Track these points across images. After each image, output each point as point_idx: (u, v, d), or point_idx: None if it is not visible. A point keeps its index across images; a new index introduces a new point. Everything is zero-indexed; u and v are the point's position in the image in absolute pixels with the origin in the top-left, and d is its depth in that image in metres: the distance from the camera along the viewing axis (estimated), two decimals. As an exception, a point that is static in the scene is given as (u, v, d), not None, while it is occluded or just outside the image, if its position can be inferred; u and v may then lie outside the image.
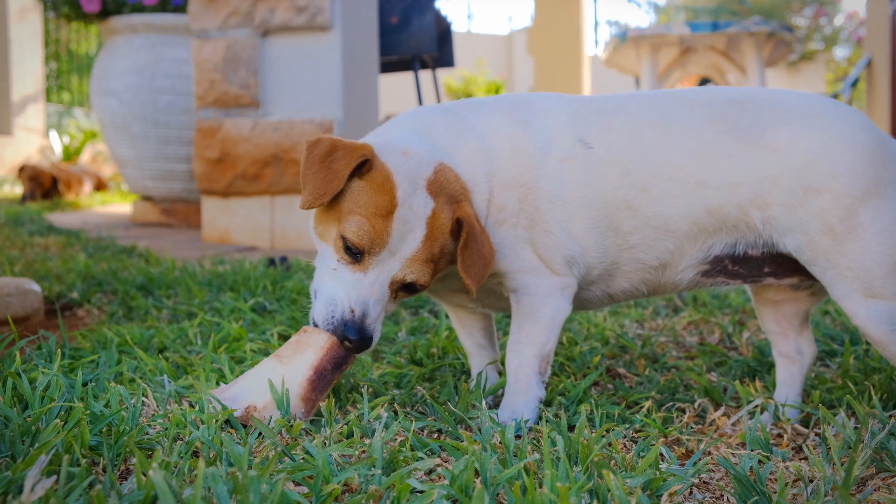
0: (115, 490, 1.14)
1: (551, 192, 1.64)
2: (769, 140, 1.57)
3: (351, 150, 1.54)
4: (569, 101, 1.73)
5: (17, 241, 4.65)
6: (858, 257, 1.52)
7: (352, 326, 1.52)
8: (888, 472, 1.37)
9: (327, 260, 1.58)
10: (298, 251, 4.64)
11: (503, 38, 19.87)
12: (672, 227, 1.63)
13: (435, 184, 1.57)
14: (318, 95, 4.85)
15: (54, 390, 1.61)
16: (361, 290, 1.54)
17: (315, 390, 1.54)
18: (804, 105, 1.61)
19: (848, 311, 1.56)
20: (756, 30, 7.27)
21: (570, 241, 1.65)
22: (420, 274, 1.56)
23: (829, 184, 1.53)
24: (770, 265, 1.65)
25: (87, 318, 2.73)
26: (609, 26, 20.04)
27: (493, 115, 1.70)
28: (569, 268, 1.68)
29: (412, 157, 1.57)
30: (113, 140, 6.15)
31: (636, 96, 1.73)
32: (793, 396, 1.79)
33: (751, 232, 1.61)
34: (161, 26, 5.87)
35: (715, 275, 1.68)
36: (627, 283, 1.73)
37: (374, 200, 1.52)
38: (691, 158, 1.61)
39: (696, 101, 1.66)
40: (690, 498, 1.30)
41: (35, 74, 12.07)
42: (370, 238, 1.52)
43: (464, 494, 1.19)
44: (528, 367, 1.67)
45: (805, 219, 1.54)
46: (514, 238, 1.66)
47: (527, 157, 1.64)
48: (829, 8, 16.57)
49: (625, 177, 1.63)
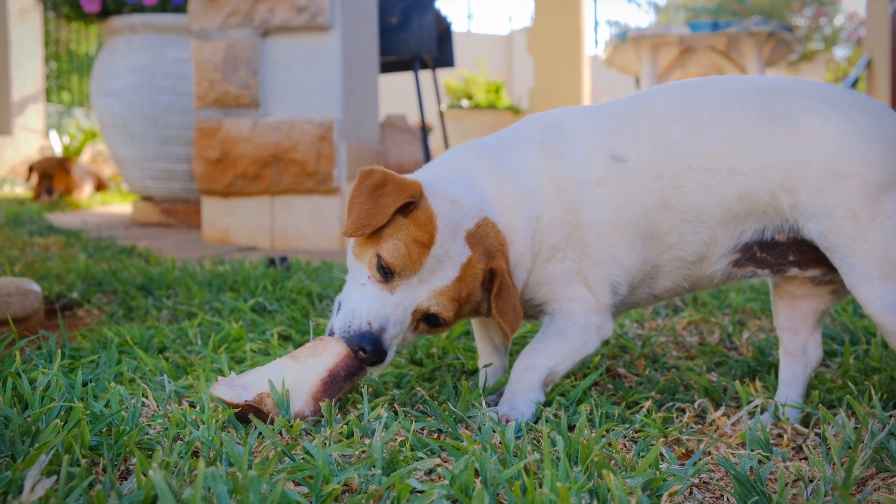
0: (115, 490, 1.14)
1: (595, 224, 1.69)
2: (803, 125, 1.60)
3: (401, 187, 1.58)
4: (595, 116, 1.75)
5: (17, 241, 4.65)
6: (880, 243, 1.55)
7: (368, 338, 1.55)
8: (888, 472, 1.37)
9: (358, 276, 1.62)
10: (298, 251, 4.64)
11: (503, 38, 19.86)
12: (706, 216, 1.67)
13: (475, 236, 1.61)
14: (318, 95, 4.85)
15: (54, 390, 1.61)
16: (385, 307, 1.57)
17: (326, 392, 1.55)
18: (836, 95, 1.64)
19: (863, 299, 1.58)
20: (756, 30, 7.27)
21: (616, 266, 1.71)
22: (445, 308, 1.60)
23: (859, 171, 1.56)
24: (795, 253, 1.68)
25: (87, 318, 2.73)
26: (609, 26, 20.04)
27: (531, 152, 1.73)
28: (613, 295, 1.74)
29: (458, 207, 1.61)
30: (113, 140, 6.15)
31: (661, 90, 1.75)
32: (794, 397, 1.79)
33: (778, 217, 1.64)
34: (161, 26, 5.87)
35: (745, 264, 1.71)
36: (670, 282, 1.78)
37: (415, 234, 1.57)
38: (723, 145, 1.64)
39: (726, 89, 1.69)
40: (690, 498, 1.30)
41: (35, 74, 12.07)
42: (403, 260, 1.56)
43: (464, 494, 1.19)
44: (535, 373, 1.69)
45: (831, 203, 1.57)
46: (562, 271, 1.72)
47: (567, 193, 1.69)
48: (829, 8, 16.57)
49: (658, 179, 1.67)
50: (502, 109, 11.23)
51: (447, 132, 7.92)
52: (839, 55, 17.15)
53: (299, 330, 2.37)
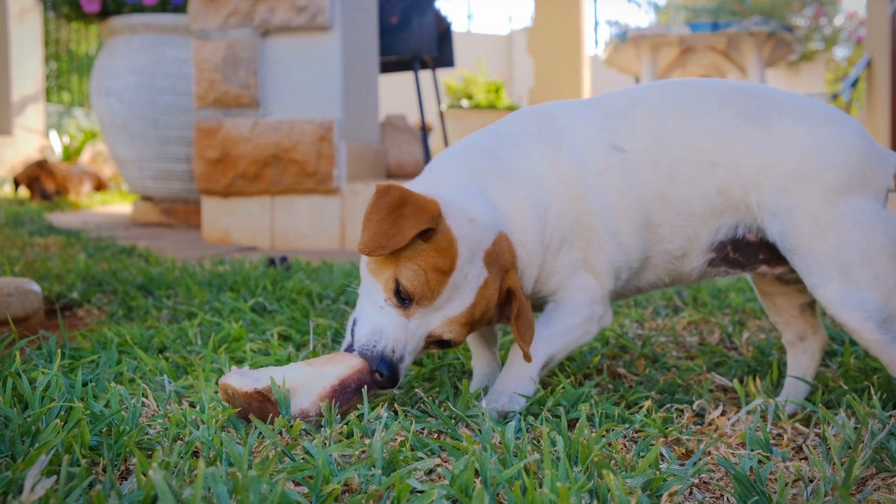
0: (115, 490, 1.14)
1: (600, 210, 1.71)
2: (775, 126, 1.67)
3: (421, 209, 1.55)
4: (590, 109, 1.78)
5: (17, 241, 4.65)
6: (837, 244, 1.60)
7: (387, 363, 1.56)
8: (888, 472, 1.37)
9: (374, 296, 1.62)
10: (298, 251, 4.64)
11: (503, 38, 19.86)
12: (692, 209, 1.71)
13: (492, 255, 1.62)
14: (318, 95, 4.85)
15: (54, 390, 1.61)
16: (406, 334, 1.59)
17: (333, 398, 1.55)
18: (807, 103, 1.72)
19: (824, 300, 1.63)
20: (756, 30, 7.27)
21: (620, 251, 1.74)
22: (457, 334, 1.61)
23: (820, 175, 1.63)
24: (764, 252, 1.74)
25: (87, 318, 2.73)
26: (609, 26, 20.04)
27: (531, 147, 1.74)
28: (615, 280, 1.77)
29: (477, 226, 1.61)
30: (113, 140, 6.15)
31: (651, 87, 1.80)
32: (801, 388, 1.86)
33: (749, 214, 1.70)
34: (161, 26, 5.87)
35: (719, 263, 1.77)
36: (654, 276, 1.82)
37: (435, 261, 1.56)
38: (707, 139, 1.69)
39: (708, 89, 1.75)
40: (690, 498, 1.30)
41: (35, 74, 12.06)
42: (423, 289, 1.56)
43: (464, 494, 1.19)
44: (534, 360, 1.71)
45: (792, 204, 1.63)
46: (570, 260, 1.74)
47: (572, 183, 1.71)
48: (829, 8, 16.57)
49: (654, 170, 1.71)
50: (502, 109, 11.22)
51: (447, 132, 7.92)
52: (839, 55, 17.15)
53: (299, 330, 2.37)
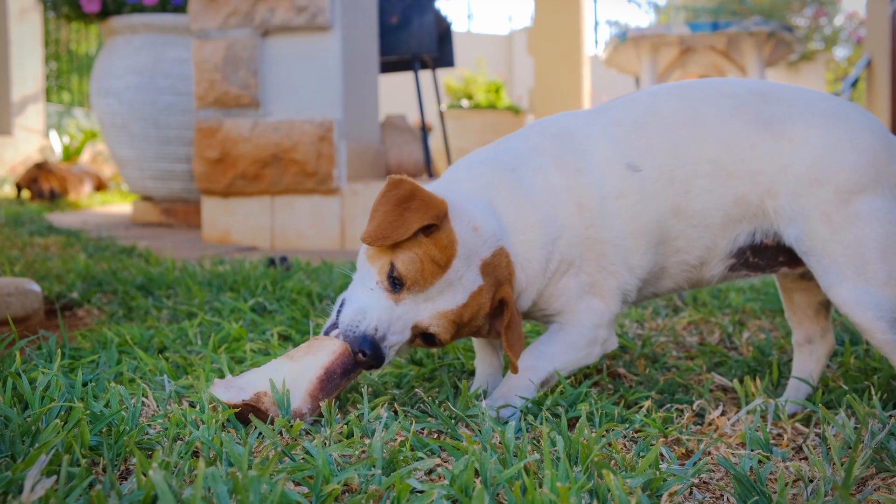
0: (115, 490, 1.14)
1: (613, 237, 1.71)
2: (787, 130, 1.67)
3: (427, 205, 1.57)
4: (604, 124, 1.76)
5: (17, 241, 4.65)
6: (853, 244, 1.61)
7: (370, 342, 1.56)
8: (888, 472, 1.37)
9: (367, 279, 1.63)
10: (298, 251, 4.64)
11: (503, 38, 19.86)
12: (709, 221, 1.71)
13: (489, 266, 1.62)
14: (318, 95, 4.85)
15: (54, 390, 1.61)
16: (391, 315, 1.58)
17: (323, 389, 1.55)
18: (820, 103, 1.70)
19: (837, 299, 1.63)
20: (756, 30, 7.27)
21: (630, 275, 1.74)
22: (443, 330, 1.61)
23: (833, 177, 1.62)
24: (784, 254, 1.75)
25: (87, 318, 2.73)
26: (609, 26, 20.02)
27: (548, 169, 1.72)
28: (622, 303, 1.78)
29: (479, 236, 1.62)
30: (113, 140, 6.15)
31: (664, 93, 1.78)
32: (802, 388, 1.87)
33: (766, 220, 1.70)
34: (161, 26, 5.87)
35: (739, 268, 1.77)
36: (673, 283, 1.83)
37: (433, 253, 1.57)
38: (723, 151, 1.69)
39: (722, 93, 1.73)
40: (690, 498, 1.30)
41: (35, 74, 12.06)
42: (416, 275, 1.56)
43: (464, 494, 1.19)
44: (535, 374, 1.72)
45: (807, 208, 1.63)
46: (577, 283, 1.74)
47: (589, 210, 1.70)
48: (829, 8, 16.56)
49: (671, 185, 1.70)
50: (502, 109, 11.22)
51: (447, 132, 7.92)
52: (839, 55, 17.15)
53: (299, 330, 2.37)
